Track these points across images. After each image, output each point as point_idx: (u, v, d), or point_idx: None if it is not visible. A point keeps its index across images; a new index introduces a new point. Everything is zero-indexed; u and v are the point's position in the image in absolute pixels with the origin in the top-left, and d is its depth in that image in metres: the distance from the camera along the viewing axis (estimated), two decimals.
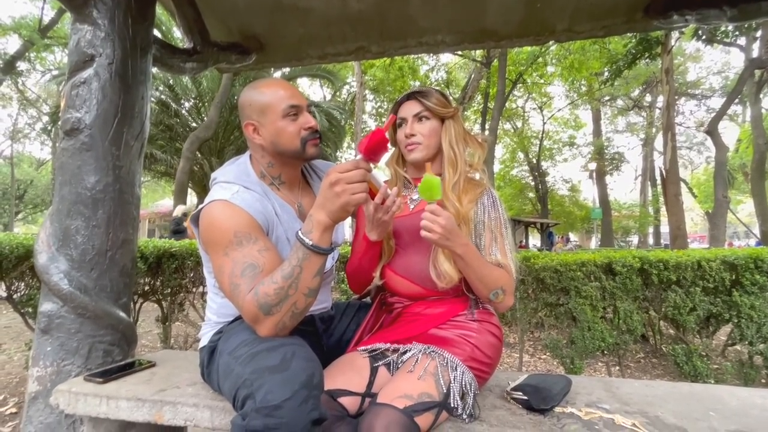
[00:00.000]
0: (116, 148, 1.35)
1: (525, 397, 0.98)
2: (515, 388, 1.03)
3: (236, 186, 0.99)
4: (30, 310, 2.07)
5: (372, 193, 1.05)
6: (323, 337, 1.14)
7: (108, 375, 1.17)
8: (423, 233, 0.93)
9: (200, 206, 0.98)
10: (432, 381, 0.88)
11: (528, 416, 0.95)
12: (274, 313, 0.84)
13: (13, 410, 2.18)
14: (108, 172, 1.32)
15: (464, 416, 0.90)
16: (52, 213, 1.30)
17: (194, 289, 2.96)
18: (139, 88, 1.44)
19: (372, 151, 0.88)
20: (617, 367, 2.73)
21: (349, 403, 0.89)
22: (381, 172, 1.05)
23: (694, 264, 2.09)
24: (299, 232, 0.85)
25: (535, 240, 24.84)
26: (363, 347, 1.03)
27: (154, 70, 1.66)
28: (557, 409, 0.98)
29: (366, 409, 0.87)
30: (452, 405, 0.88)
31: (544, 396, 0.97)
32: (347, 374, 0.94)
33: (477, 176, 1.14)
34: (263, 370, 0.76)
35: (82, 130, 1.29)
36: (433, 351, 0.96)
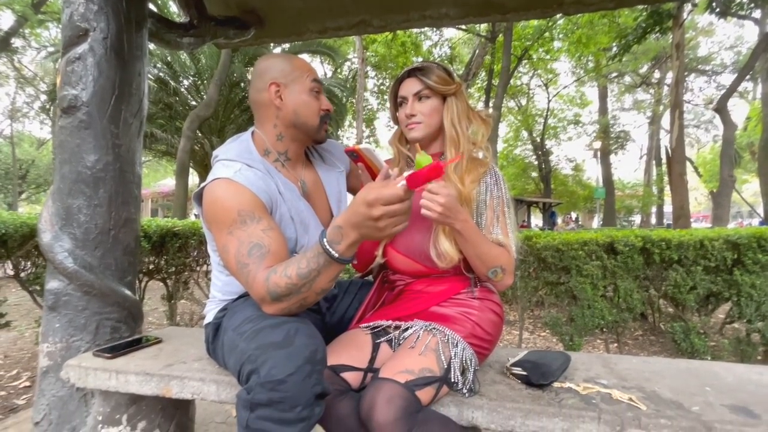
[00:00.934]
0: (115, 126, 1.33)
1: (524, 373, 1.00)
2: (515, 364, 1.05)
3: (238, 164, 0.98)
4: (38, 288, 2.10)
5: (372, 173, 1.04)
6: (326, 315, 1.16)
7: (116, 350, 1.19)
8: (423, 211, 0.92)
9: (202, 184, 0.97)
10: (433, 357, 0.90)
11: (527, 391, 0.97)
12: (283, 301, 0.84)
13: (27, 384, 2.26)
14: (108, 150, 1.31)
15: (464, 391, 0.92)
16: (54, 192, 1.30)
17: (198, 268, 3.00)
18: (136, 64, 1.41)
19: (420, 184, 0.76)
20: (615, 344, 2.77)
21: (352, 378, 0.91)
22: (382, 150, 1.03)
23: (697, 243, 2.09)
24: (325, 240, 0.80)
25: (537, 219, 24.86)
26: (365, 324, 1.05)
27: (152, 46, 1.62)
28: (555, 385, 1.00)
29: (368, 383, 0.89)
30: (453, 380, 0.90)
31: (543, 372, 0.99)
32: (350, 350, 0.96)
33: (481, 154, 1.12)
34: (267, 345, 0.77)
35: (79, 108, 1.27)
36: (434, 328, 0.97)
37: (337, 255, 0.79)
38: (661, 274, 2.18)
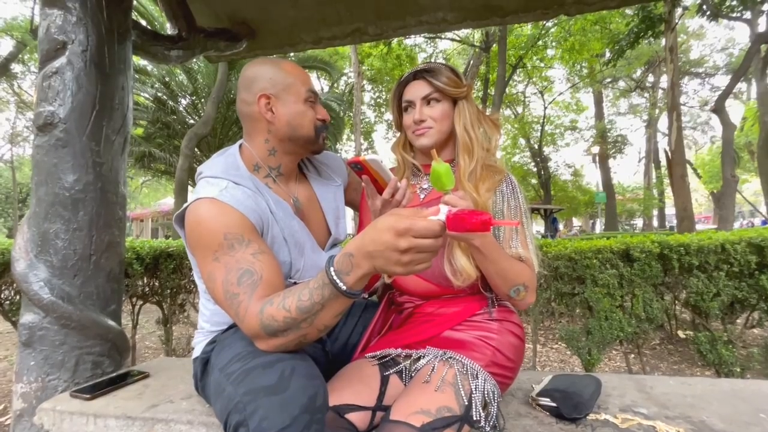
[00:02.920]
0: (95, 144, 1.24)
1: (554, 404, 0.88)
2: (541, 393, 0.94)
3: (224, 181, 0.88)
4: None
5: (378, 185, 0.94)
6: (327, 342, 1.04)
7: (96, 390, 1.08)
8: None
9: (185, 204, 0.87)
10: (451, 392, 0.78)
11: (558, 425, 0.86)
12: (279, 337, 0.73)
13: None
14: (87, 169, 1.22)
15: (487, 428, 0.80)
16: (29, 216, 1.21)
17: (194, 290, 2.88)
18: (119, 78, 1.33)
19: (461, 231, 0.68)
20: (633, 356, 2.64)
21: (358, 419, 0.79)
22: (386, 159, 0.93)
23: (718, 247, 1.98)
24: (332, 270, 0.68)
25: (538, 226, 24.73)
26: (371, 354, 0.93)
27: (149, 66, 1.54)
28: (590, 416, 0.88)
29: (378, 426, 0.77)
30: (474, 418, 0.78)
31: (576, 403, 0.87)
32: (355, 386, 0.84)
33: (495, 161, 1.02)
34: (258, 390, 0.66)
35: (56, 125, 1.18)
36: (450, 357, 0.86)
37: (345, 288, 0.67)
38: (680, 281, 2.06)
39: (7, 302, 1.96)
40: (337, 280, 0.67)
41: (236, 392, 0.69)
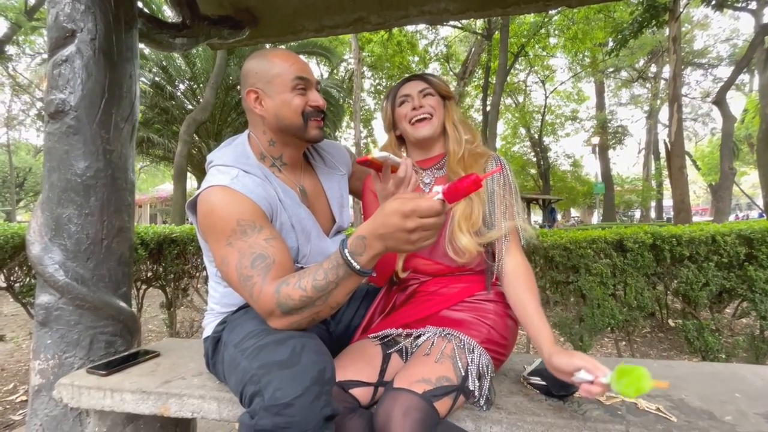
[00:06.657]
0: (105, 131, 1.27)
1: (543, 383, 0.94)
2: (532, 373, 1.00)
3: (235, 170, 0.92)
4: (31, 300, 2.04)
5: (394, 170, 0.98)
6: (331, 324, 1.10)
7: (111, 367, 1.14)
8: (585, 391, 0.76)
9: (197, 192, 0.91)
10: (450, 364, 0.85)
11: (547, 402, 0.92)
12: (294, 315, 0.79)
13: (24, 398, 2.20)
14: (98, 156, 1.25)
15: (481, 401, 0.87)
16: (43, 201, 1.24)
17: (197, 274, 2.94)
18: (126, 66, 1.35)
19: (459, 198, 0.72)
20: (623, 343, 2.72)
21: (361, 394, 0.85)
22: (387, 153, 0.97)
23: (708, 238, 2.03)
24: (346, 251, 0.74)
25: (536, 216, 24.84)
26: (374, 334, 1.00)
27: (147, 51, 1.56)
28: (576, 395, 0.95)
29: (380, 396, 0.83)
30: (470, 388, 0.85)
31: (564, 382, 0.93)
32: (358, 364, 0.90)
33: (478, 146, 1.11)
34: (271, 365, 0.72)
35: (67, 112, 1.21)
36: (448, 333, 0.92)
37: (358, 267, 0.74)
38: (671, 271, 2.12)
39: (17, 284, 2.01)
40: (352, 261, 0.74)
41: (251, 366, 0.74)
